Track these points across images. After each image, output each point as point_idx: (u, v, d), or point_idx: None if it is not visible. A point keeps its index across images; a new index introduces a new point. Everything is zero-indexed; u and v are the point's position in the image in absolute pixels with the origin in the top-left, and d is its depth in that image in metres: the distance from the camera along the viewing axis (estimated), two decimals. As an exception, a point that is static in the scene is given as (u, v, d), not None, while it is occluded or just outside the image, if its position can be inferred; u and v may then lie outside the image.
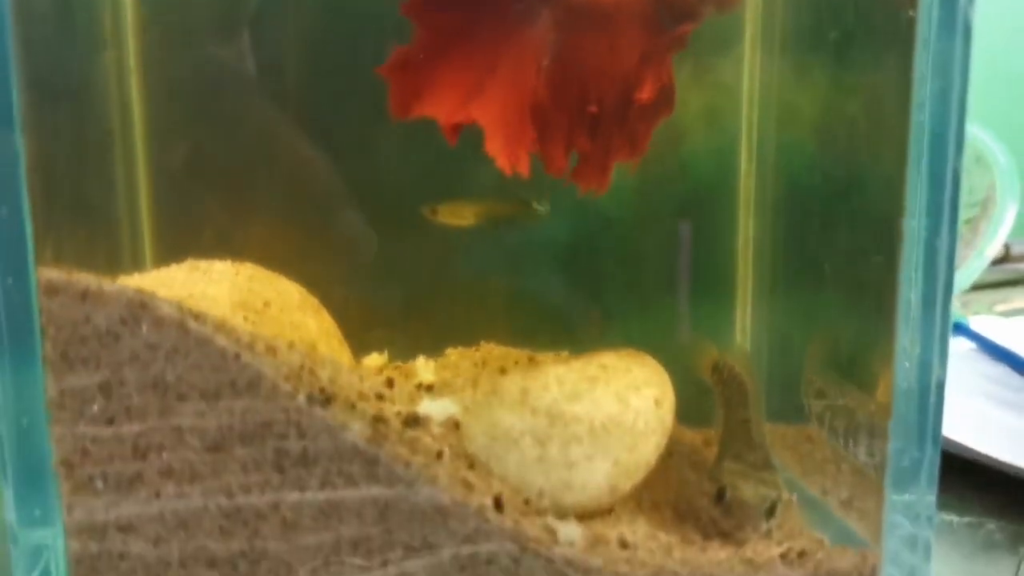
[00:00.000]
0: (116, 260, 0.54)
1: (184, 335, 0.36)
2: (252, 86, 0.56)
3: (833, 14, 0.47)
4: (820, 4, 0.49)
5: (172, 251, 0.53)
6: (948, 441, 0.55)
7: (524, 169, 0.44)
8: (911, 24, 0.38)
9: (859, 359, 0.47)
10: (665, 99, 0.44)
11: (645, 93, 0.42)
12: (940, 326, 0.40)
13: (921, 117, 0.39)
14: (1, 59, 0.35)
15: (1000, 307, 0.98)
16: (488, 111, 0.43)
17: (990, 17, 0.41)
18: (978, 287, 0.92)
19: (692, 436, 0.56)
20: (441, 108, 0.44)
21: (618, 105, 0.44)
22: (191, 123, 0.56)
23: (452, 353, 0.58)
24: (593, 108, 0.43)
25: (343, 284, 0.57)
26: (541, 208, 0.53)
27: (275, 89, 0.56)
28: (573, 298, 0.60)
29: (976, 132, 0.88)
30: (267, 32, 0.55)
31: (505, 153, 0.43)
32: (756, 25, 0.55)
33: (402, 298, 0.59)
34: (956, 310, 0.90)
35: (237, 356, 0.37)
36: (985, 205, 0.92)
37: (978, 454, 0.55)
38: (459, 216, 0.52)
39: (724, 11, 0.45)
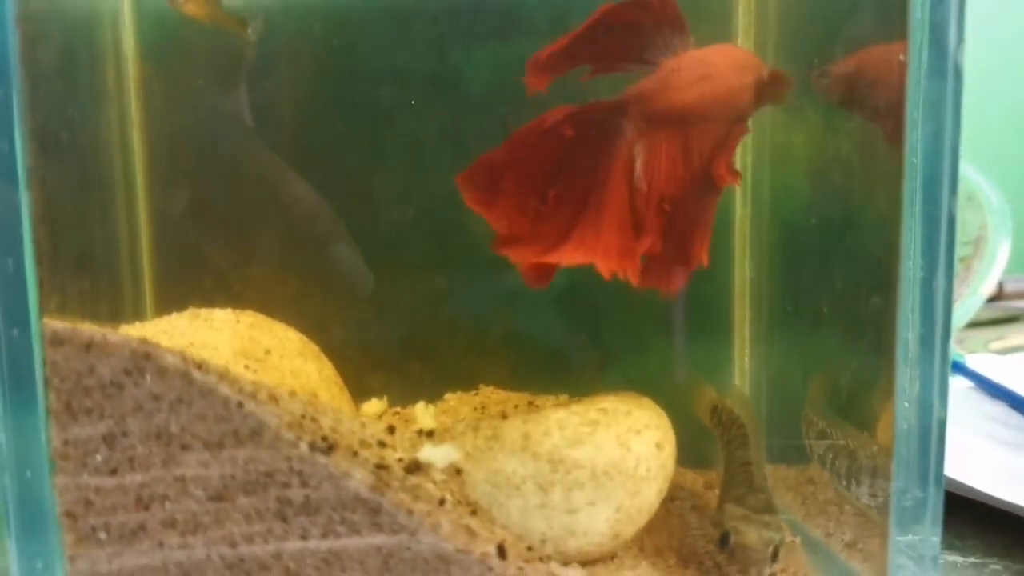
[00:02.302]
0: (119, 308, 0.54)
1: (188, 385, 0.37)
2: (252, 138, 0.56)
3: (824, 56, 0.48)
4: (811, 45, 0.50)
5: (173, 299, 0.54)
6: (951, 481, 0.55)
7: (636, 278, 0.44)
8: (902, 68, 0.38)
9: (859, 399, 0.47)
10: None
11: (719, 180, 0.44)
12: (939, 365, 0.40)
13: (914, 159, 0.39)
14: (6, 115, 0.36)
15: (995, 344, 0.98)
16: (590, 248, 0.44)
17: (980, 49, 0.42)
18: (972, 324, 0.92)
19: (693, 478, 0.56)
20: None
21: (692, 203, 0.45)
22: (191, 174, 0.57)
23: (451, 398, 0.58)
24: (667, 206, 0.44)
25: (342, 330, 0.57)
26: (251, 34, 0.54)
27: (275, 139, 0.57)
28: (572, 341, 0.60)
29: (967, 171, 0.89)
30: (266, 83, 0.56)
31: (621, 271, 0.44)
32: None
33: (400, 343, 0.59)
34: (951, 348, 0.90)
35: (240, 405, 0.37)
36: (978, 244, 0.93)
37: (981, 494, 0.55)
38: (197, 6, 0.52)
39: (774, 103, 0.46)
